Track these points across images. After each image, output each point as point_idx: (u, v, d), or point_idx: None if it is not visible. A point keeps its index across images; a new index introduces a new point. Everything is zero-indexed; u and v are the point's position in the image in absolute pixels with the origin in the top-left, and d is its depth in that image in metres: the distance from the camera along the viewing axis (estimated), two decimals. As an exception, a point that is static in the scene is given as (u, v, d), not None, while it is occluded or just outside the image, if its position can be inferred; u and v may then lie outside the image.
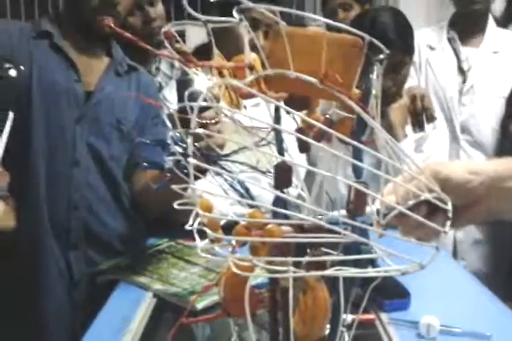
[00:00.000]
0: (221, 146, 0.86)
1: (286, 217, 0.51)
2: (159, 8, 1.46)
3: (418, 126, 1.38)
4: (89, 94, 1.13)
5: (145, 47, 0.45)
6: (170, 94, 1.34)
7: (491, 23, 1.72)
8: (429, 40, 1.72)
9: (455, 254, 1.65)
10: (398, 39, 1.28)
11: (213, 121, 0.69)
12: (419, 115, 1.37)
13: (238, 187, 0.61)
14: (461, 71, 1.68)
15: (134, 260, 1.08)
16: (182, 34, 2.32)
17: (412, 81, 1.51)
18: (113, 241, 1.15)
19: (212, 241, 0.49)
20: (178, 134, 0.58)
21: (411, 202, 0.51)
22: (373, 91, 0.51)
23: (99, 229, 1.13)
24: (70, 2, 1.12)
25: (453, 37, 1.72)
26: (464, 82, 1.67)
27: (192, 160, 0.44)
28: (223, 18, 0.50)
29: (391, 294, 0.91)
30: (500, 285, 1.55)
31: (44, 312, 1.10)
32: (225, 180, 0.59)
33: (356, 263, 0.49)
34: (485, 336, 0.81)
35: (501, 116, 1.64)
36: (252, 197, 0.60)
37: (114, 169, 1.15)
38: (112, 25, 0.51)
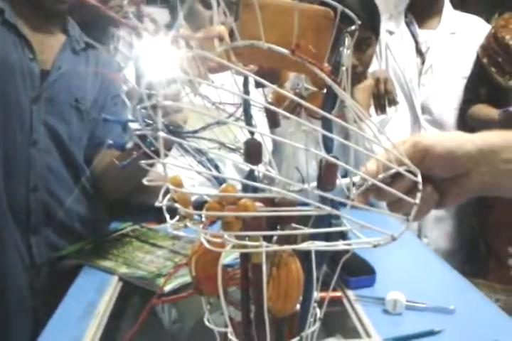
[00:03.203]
0: (183, 123, 0.84)
1: (256, 192, 0.50)
2: (117, -14, 1.41)
3: (380, 109, 1.39)
4: (45, 72, 1.08)
5: (111, 14, 0.43)
6: (130, 74, 1.30)
7: (447, 5, 1.76)
8: (388, 26, 1.75)
9: (419, 232, 1.70)
10: (365, 17, 1.28)
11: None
12: (382, 98, 1.39)
13: (207, 164, 0.59)
14: (420, 53, 1.71)
15: (98, 244, 1.06)
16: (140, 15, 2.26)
17: (374, 66, 1.53)
18: (75, 224, 1.12)
19: (183, 217, 0.47)
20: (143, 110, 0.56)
21: (381, 176, 0.51)
22: (344, 64, 0.51)
23: (60, 212, 1.10)
24: None
25: (411, 21, 1.75)
26: (423, 63, 1.70)
27: (162, 134, 0.43)
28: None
29: (357, 271, 0.92)
30: (460, 262, 1.61)
31: (4, 297, 1.06)
32: (194, 157, 0.57)
33: (327, 238, 0.49)
34: (449, 310, 0.84)
35: (460, 95, 1.68)
36: (220, 173, 0.58)
37: (73, 150, 1.11)
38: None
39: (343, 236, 0.52)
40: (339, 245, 0.48)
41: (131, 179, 0.69)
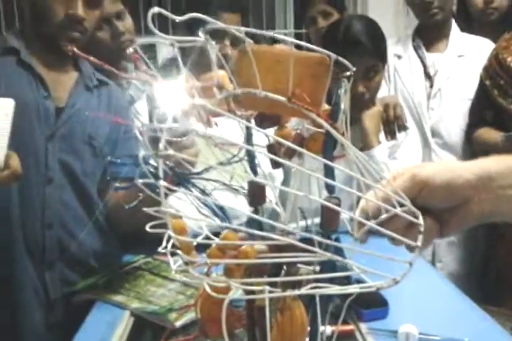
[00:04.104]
0: (194, 158, 0.86)
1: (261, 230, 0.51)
2: (128, 22, 1.45)
3: (390, 134, 1.39)
4: (59, 109, 1.11)
5: (112, 70, 0.45)
6: (142, 108, 1.32)
7: (454, 28, 1.77)
8: (396, 50, 1.76)
9: (433, 256, 1.68)
10: (372, 45, 1.30)
11: (183, 138, 0.69)
12: (392, 124, 1.39)
13: (211, 204, 0.60)
14: (428, 76, 1.72)
15: (111, 278, 1.07)
16: (152, 46, 2.31)
17: (383, 91, 1.54)
18: (89, 259, 1.14)
19: (187, 263, 0.48)
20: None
21: (383, 216, 0.51)
22: (342, 107, 0.51)
23: (75, 247, 1.11)
24: (36, 18, 1.10)
25: (418, 44, 1.76)
26: (431, 86, 1.70)
27: (163, 183, 0.44)
28: (190, 38, 0.49)
29: (369, 303, 0.91)
30: (474, 287, 1.58)
31: (20, 332, 1.07)
32: (198, 199, 0.58)
33: (332, 279, 0.49)
34: (463, 342, 0.82)
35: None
36: (226, 216, 0.59)
37: (87, 185, 1.13)
38: (76, 50, 0.50)
39: (347, 276, 0.52)
40: (344, 289, 0.48)
41: (138, 219, 0.70)
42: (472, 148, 1.66)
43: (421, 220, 0.48)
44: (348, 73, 0.49)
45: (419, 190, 0.51)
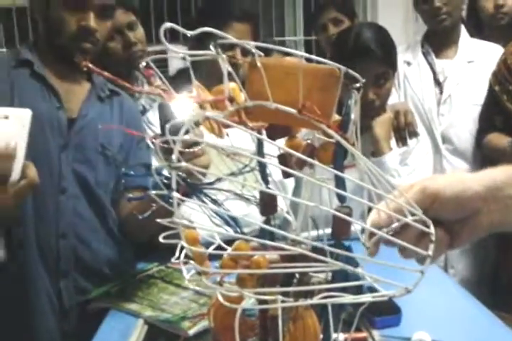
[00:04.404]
0: (206, 167, 0.87)
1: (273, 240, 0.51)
2: (139, 32, 1.46)
3: (401, 141, 1.40)
4: (72, 120, 1.13)
5: (125, 85, 0.46)
6: (153, 117, 1.34)
7: (463, 33, 1.77)
8: (405, 56, 1.76)
9: (446, 262, 1.67)
10: (382, 52, 1.30)
11: (195, 149, 0.70)
12: (402, 130, 1.40)
13: (223, 213, 0.61)
14: (438, 82, 1.72)
15: (124, 286, 1.07)
16: (164, 56, 2.34)
17: (393, 98, 1.54)
18: (103, 267, 1.15)
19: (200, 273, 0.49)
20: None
21: (394, 225, 0.52)
22: (352, 117, 0.52)
23: (89, 257, 1.12)
24: (49, 30, 1.12)
25: (427, 51, 1.76)
26: (441, 92, 1.70)
27: (176, 195, 0.45)
28: (202, 52, 0.50)
29: (382, 311, 0.91)
30: (486, 293, 1.57)
31: (35, 340, 1.08)
32: (211, 210, 0.59)
33: (344, 287, 0.50)
34: (476, 349, 0.82)
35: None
36: (238, 225, 0.60)
37: (101, 195, 1.14)
38: (91, 65, 0.51)
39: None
40: (356, 298, 0.49)
41: (152, 228, 0.72)
42: (482, 153, 1.65)
43: (432, 229, 0.48)
44: (357, 84, 0.49)
45: (430, 202, 0.52)
